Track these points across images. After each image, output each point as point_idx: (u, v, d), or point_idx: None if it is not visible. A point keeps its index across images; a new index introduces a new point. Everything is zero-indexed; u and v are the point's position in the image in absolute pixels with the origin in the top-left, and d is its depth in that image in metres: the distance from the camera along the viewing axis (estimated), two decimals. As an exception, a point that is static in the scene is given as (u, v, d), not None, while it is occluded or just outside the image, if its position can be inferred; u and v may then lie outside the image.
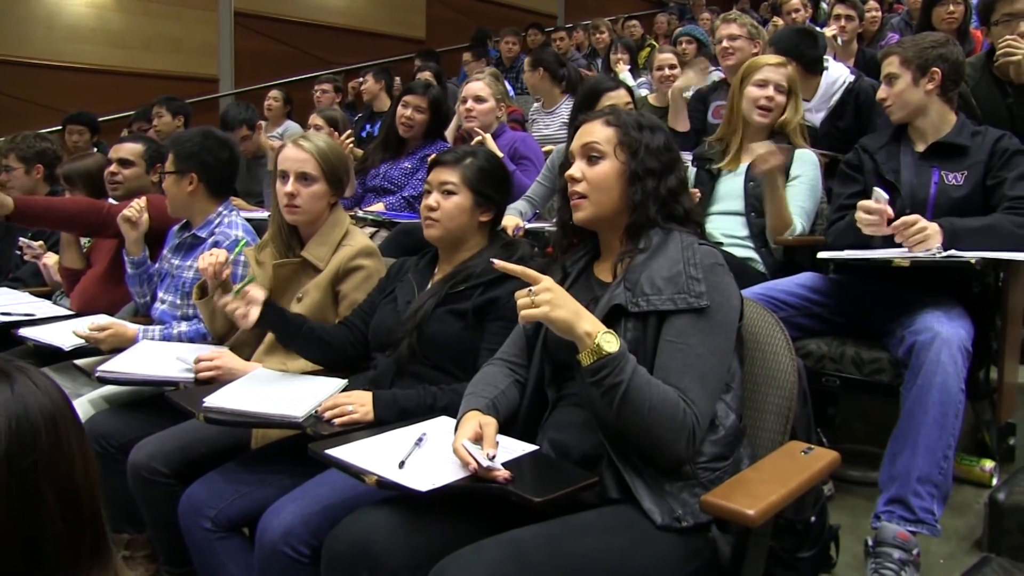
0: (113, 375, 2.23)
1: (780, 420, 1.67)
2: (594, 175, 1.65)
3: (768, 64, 2.93)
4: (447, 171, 2.04)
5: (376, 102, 5.62)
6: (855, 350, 2.45)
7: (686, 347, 1.49)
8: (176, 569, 2.14)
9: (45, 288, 3.54)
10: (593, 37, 7.83)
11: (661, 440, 1.44)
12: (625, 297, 1.54)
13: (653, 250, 1.58)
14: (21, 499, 0.82)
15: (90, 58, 7.03)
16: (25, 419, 0.83)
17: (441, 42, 9.28)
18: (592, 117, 1.72)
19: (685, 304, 1.50)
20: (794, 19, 5.63)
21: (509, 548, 1.37)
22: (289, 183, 2.27)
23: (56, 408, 0.87)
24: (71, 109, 5.78)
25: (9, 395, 0.84)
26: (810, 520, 1.63)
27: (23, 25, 6.64)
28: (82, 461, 0.88)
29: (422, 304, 1.97)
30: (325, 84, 6.13)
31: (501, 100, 3.65)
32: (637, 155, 1.64)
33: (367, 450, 1.58)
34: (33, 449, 0.83)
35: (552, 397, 1.68)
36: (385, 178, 3.67)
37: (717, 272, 1.56)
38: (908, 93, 2.51)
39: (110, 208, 3.04)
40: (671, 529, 1.44)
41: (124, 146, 3.24)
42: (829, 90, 3.54)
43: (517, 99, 5.70)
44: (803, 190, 2.82)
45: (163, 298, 2.76)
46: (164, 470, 2.03)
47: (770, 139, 2.87)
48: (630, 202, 1.63)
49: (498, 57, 7.57)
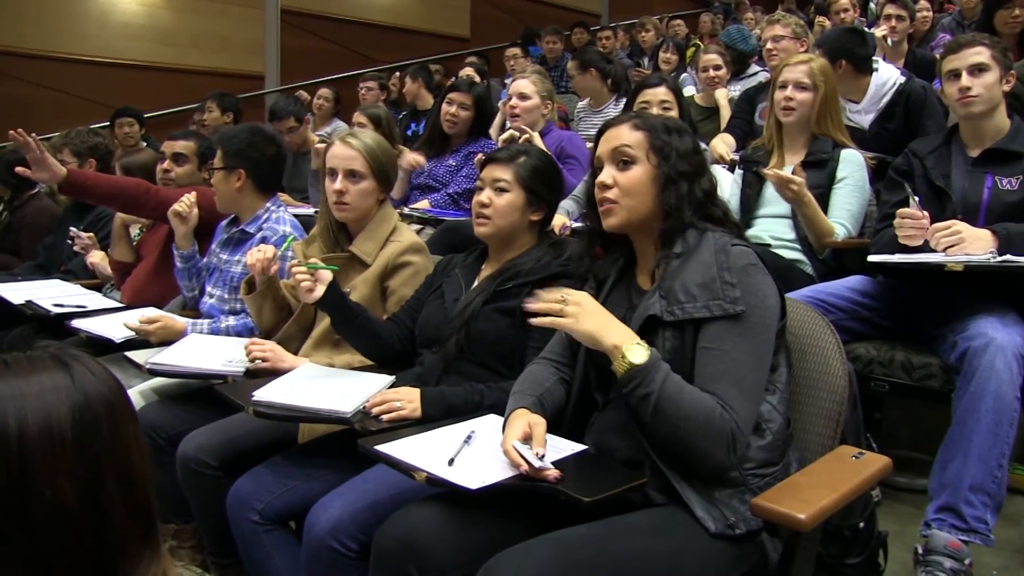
0: (163, 367, 2.27)
1: (830, 424, 1.66)
2: (626, 180, 1.62)
3: (788, 64, 2.90)
4: (500, 168, 2.04)
5: (419, 101, 5.64)
6: (905, 355, 2.41)
7: (721, 352, 1.47)
8: (223, 560, 2.17)
9: (96, 281, 3.60)
10: (640, 36, 7.79)
11: (698, 448, 1.43)
12: (660, 306, 1.52)
13: (687, 254, 1.55)
14: (89, 486, 0.83)
15: (140, 55, 7.16)
16: (87, 408, 0.85)
17: (485, 40, 9.31)
18: (618, 121, 1.69)
19: (720, 311, 1.48)
20: (842, 19, 5.55)
21: (558, 548, 1.36)
22: (338, 180, 2.29)
23: (113, 396, 0.89)
24: (121, 105, 5.89)
25: (70, 384, 0.86)
26: (858, 526, 1.61)
27: (78, 23, 6.78)
28: (138, 448, 0.90)
29: (470, 301, 1.98)
30: (370, 82, 6.17)
31: (547, 98, 3.64)
32: (669, 159, 1.61)
33: (416, 447, 1.58)
34: (97, 437, 0.85)
35: (600, 400, 1.67)
36: (430, 176, 3.69)
37: (751, 273, 1.52)
38: (996, 88, 2.44)
39: (149, 188, 3.10)
40: (724, 536, 1.42)
41: (178, 142, 3.29)
42: (879, 91, 3.48)
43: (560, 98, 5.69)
44: (848, 192, 2.77)
45: (211, 292, 2.80)
46: (212, 462, 2.05)
47: (813, 143, 2.84)
48: (664, 207, 1.60)
49: (541, 56, 7.56)
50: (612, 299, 1.68)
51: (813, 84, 2.82)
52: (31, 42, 6.46)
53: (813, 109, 2.83)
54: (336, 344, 2.28)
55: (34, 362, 0.87)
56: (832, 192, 2.77)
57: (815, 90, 2.82)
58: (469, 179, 3.56)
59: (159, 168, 3.25)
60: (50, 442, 0.82)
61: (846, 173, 2.79)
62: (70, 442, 0.83)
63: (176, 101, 6.95)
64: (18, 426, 0.81)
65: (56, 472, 0.82)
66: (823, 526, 1.47)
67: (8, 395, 0.83)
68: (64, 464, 0.83)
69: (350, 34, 8.64)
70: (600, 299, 1.67)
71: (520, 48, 7.22)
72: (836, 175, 2.78)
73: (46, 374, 0.86)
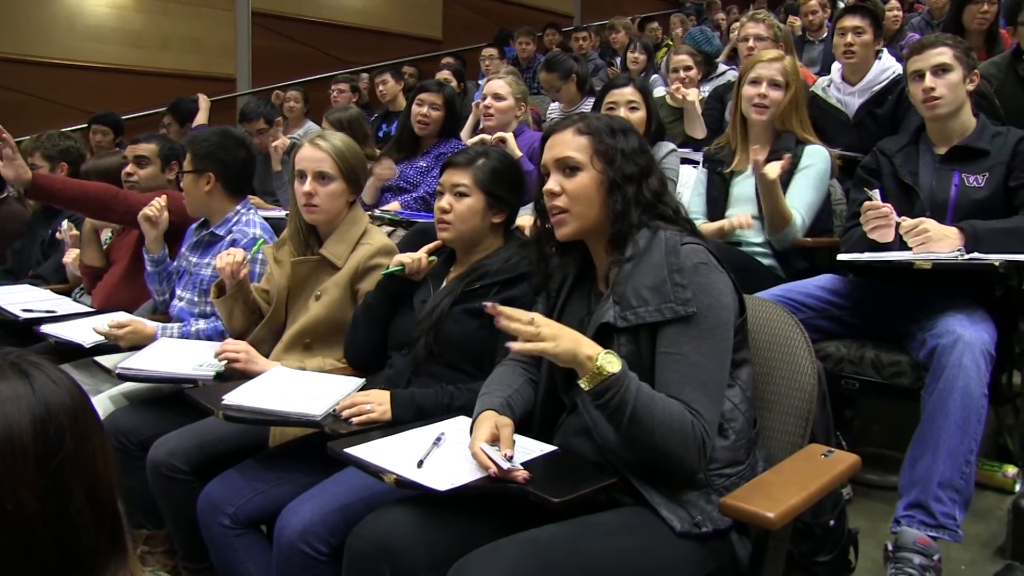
0: (133, 372, 2.25)
1: (800, 423, 1.67)
2: (573, 187, 1.60)
3: (761, 60, 2.89)
4: (459, 173, 2.03)
5: (394, 102, 5.63)
6: (875, 353, 2.43)
7: (681, 356, 1.47)
8: (195, 565, 2.15)
9: (65, 285, 3.57)
10: (610, 37, 7.81)
11: (672, 455, 1.42)
12: (614, 313, 1.51)
13: (638, 257, 1.54)
14: (53, 499, 0.82)
15: (110, 58, 7.08)
16: (49, 418, 0.84)
17: (457, 42, 9.30)
18: (562, 126, 1.65)
19: (672, 314, 1.47)
20: (810, 20, 5.60)
21: (528, 547, 1.37)
22: (307, 183, 2.27)
23: (76, 404, 0.87)
24: (92, 108, 5.83)
25: (31, 393, 0.84)
26: (829, 524, 1.62)
27: (45, 25, 6.70)
28: (103, 456, 0.88)
29: (438, 303, 1.98)
30: (341, 84, 6.14)
31: (522, 100, 3.64)
32: (614, 163, 1.59)
33: (385, 449, 1.58)
34: (60, 448, 0.83)
35: (567, 402, 1.67)
36: (401, 177, 3.68)
37: (701, 272, 1.50)
38: (960, 88, 2.46)
39: (118, 193, 3.07)
40: (690, 535, 1.43)
41: (140, 145, 3.27)
42: (878, 77, 3.50)
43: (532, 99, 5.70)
44: (807, 182, 2.77)
45: (181, 295, 2.77)
46: (183, 467, 2.04)
47: (776, 140, 2.84)
48: (611, 211, 1.58)
49: (514, 57, 7.56)
50: (570, 306, 1.68)
51: (786, 82, 2.83)
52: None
53: (780, 106, 2.83)
54: (307, 347, 2.27)
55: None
56: (791, 182, 2.78)
57: (786, 88, 2.83)
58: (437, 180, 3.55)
59: (123, 172, 3.21)
60: (11, 454, 0.80)
61: (809, 163, 2.79)
62: (32, 454, 0.81)
63: (147, 104, 6.87)
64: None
65: (18, 484, 0.80)
66: (793, 524, 1.47)
67: None
68: (26, 476, 0.81)
69: (322, 36, 8.60)
70: (557, 305, 1.68)
71: (496, 49, 7.22)
72: (798, 165, 2.79)
73: (5, 383, 0.84)
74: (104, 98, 6.30)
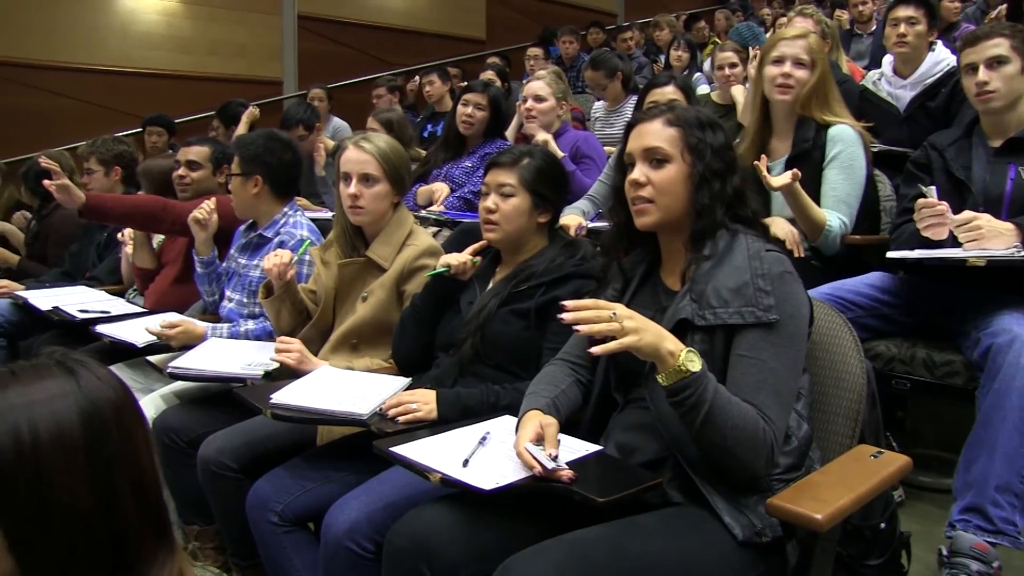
0: (184, 371, 2.30)
1: (848, 423, 1.64)
2: (660, 179, 1.58)
3: (784, 38, 2.71)
4: (504, 172, 2.03)
5: (441, 103, 5.67)
6: (926, 352, 2.38)
7: (759, 362, 1.45)
8: (244, 561, 2.19)
9: (119, 286, 3.66)
10: (655, 34, 7.76)
11: (741, 459, 1.41)
12: (691, 310, 1.49)
13: (719, 257, 1.52)
14: (103, 493, 0.84)
15: (161, 64, 7.23)
16: (96, 413, 0.86)
17: (501, 42, 9.31)
18: (649, 116, 1.63)
19: (753, 318, 1.46)
20: (860, 11, 5.51)
21: (573, 548, 1.36)
22: (352, 185, 2.29)
23: (120, 399, 0.89)
24: (144, 113, 5.96)
25: (77, 389, 0.86)
26: (879, 526, 1.58)
27: (100, 34, 6.87)
28: (147, 450, 0.91)
29: (485, 304, 1.98)
30: (380, 88, 6.21)
31: (562, 99, 3.63)
32: (704, 157, 1.57)
33: (431, 448, 1.59)
34: (107, 442, 0.86)
35: (620, 401, 1.66)
36: (447, 177, 3.69)
37: (787, 281, 1.50)
38: (1018, 81, 2.36)
39: (166, 204, 3.14)
40: (751, 544, 1.41)
41: (191, 148, 3.33)
42: (931, 70, 3.41)
43: (576, 98, 5.69)
44: (839, 173, 2.59)
45: (230, 296, 2.82)
46: (232, 465, 2.07)
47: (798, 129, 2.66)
48: (697, 206, 1.56)
49: (558, 56, 7.56)
50: (639, 300, 1.67)
51: (812, 61, 2.66)
52: (56, 55, 6.56)
53: (805, 88, 2.65)
54: (353, 348, 2.29)
55: (40, 370, 0.88)
56: (823, 174, 2.62)
57: (812, 67, 2.66)
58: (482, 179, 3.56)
59: (175, 175, 3.28)
60: (63, 449, 0.83)
61: (835, 152, 2.61)
62: (82, 448, 0.84)
63: (197, 108, 7.00)
64: (31, 435, 0.82)
65: (71, 479, 0.83)
66: (842, 526, 1.45)
67: (18, 404, 0.83)
68: (78, 471, 0.83)
69: (366, 38, 8.67)
70: (626, 299, 1.66)
71: (541, 48, 7.21)
72: (826, 157, 2.63)
73: (52, 381, 0.87)
74: (156, 103, 6.43)
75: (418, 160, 3.93)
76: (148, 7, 7.15)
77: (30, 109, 6.36)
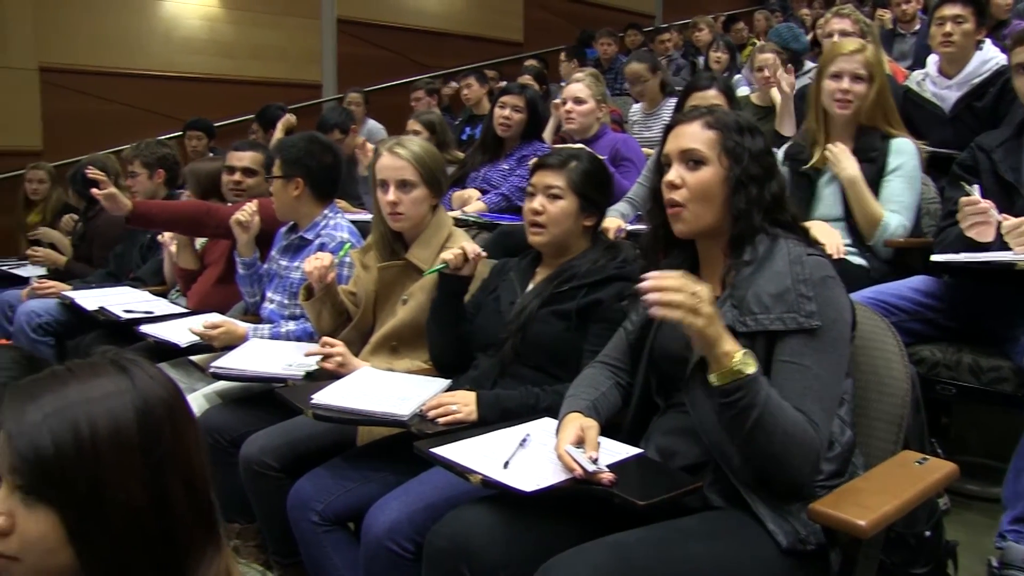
0: (226, 371, 2.33)
1: (892, 429, 1.62)
2: (696, 182, 1.57)
3: (842, 53, 2.73)
4: (552, 174, 2.02)
5: (477, 106, 5.70)
6: (972, 357, 2.34)
7: (803, 368, 1.43)
8: (285, 559, 2.21)
9: (163, 287, 3.72)
10: (693, 36, 7.72)
11: (788, 465, 1.40)
12: (732, 316, 1.48)
13: (759, 262, 1.51)
14: (156, 490, 0.86)
15: (203, 68, 7.34)
16: (150, 412, 0.88)
17: (539, 44, 9.31)
18: (688, 118, 1.62)
19: (795, 325, 1.44)
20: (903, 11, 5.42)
21: (614, 551, 1.36)
22: (390, 192, 2.30)
23: (172, 398, 0.91)
24: (187, 117, 6.06)
25: (132, 388, 0.89)
26: (924, 534, 1.56)
27: (144, 39, 6.98)
28: (197, 448, 0.93)
29: (526, 304, 1.98)
30: (418, 91, 6.26)
31: (602, 101, 3.63)
32: (741, 161, 1.55)
33: (471, 449, 1.59)
34: (161, 440, 0.88)
35: (661, 404, 1.66)
36: (484, 180, 3.71)
37: (829, 286, 1.48)
38: None
39: (210, 208, 3.20)
40: (795, 552, 1.40)
41: (246, 154, 3.38)
42: (979, 69, 3.34)
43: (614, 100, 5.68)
44: (901, 182, 2.64)
45: (271, 298, 2.85)
46: (273, 464, 2.10)
47: (860, 137, 2.71)
48: (734, 211, 1.55)
49: (596, 58, 7.54)
50: None
51: (869, 75, 2.69)
52: (101, 60, 6.68)
53: (867, 101, 2.69)
54: (393, 350, 2.31)
55: (96, 368, 0.90)
56: (883, 183, 2.66)
57: (870, 81, 2.69)
58: (522, 179, 3.57)
59: (228, 180, 3.33)
60: (119, 446, 0.85)
61: (898, 163, 2.66)
62: (137, 446, 0.86)
63: (238, 111, 7.09)
64: (90, 431, 0.84)
65: (127, 475, 0.85)
66: (886, 533, 1.43)
67: (76, 400, 0.86)
68: (134, 468, 0.85)
69: (404, 41, 8.72)
70: None
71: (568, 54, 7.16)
72: (887, 167, 2.67)
73: (108, 379, 0.89)
74: (198, 107, 6.53)
75: (455, 162, 3.95)
76: (190, 12, 7.26)
77: (77, 113, 6.49)
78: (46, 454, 0.83)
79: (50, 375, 0.89)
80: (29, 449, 0.83)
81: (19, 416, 0.85)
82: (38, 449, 0.83)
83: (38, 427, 0.84)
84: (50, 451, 0.83)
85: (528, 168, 3.45)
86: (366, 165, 4.37)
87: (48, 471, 0.83)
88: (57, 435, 0.83)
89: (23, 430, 0.84)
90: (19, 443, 0.84)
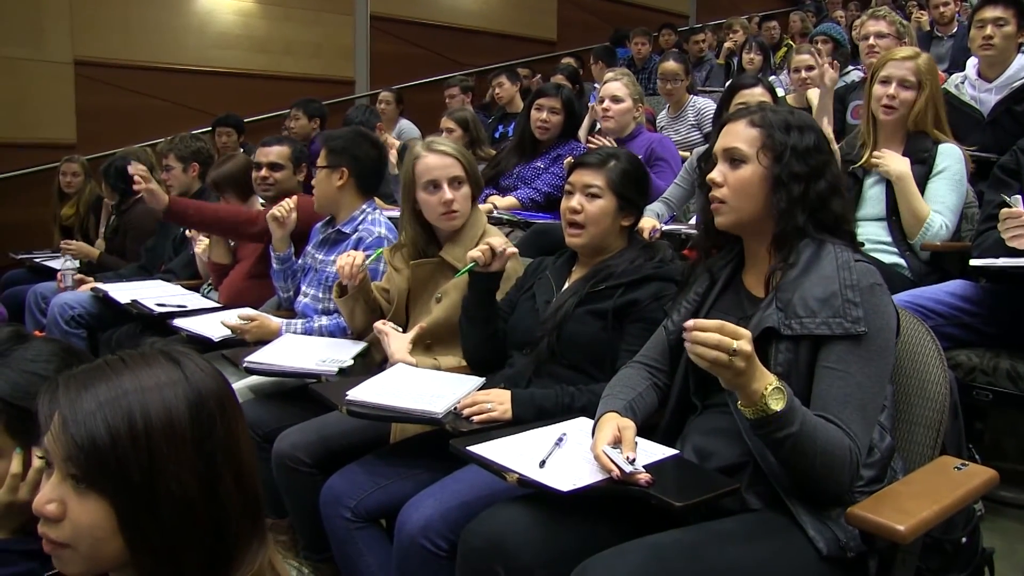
0: (259, 366, 2.34)
1: (931, 434, 1.61)
2: (735, 180, 1.58)
3: (892, 59, 2.78)
4: (591, 174, 2.01)
5: (509, 104, 5.69)
6: (1010, 363, 2.31)
7: (847, 375, 1.43)
8: (316, 555, 2.21)
9: (195, 281, 3.75)
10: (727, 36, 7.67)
11: (827, 480, 1.39)
12: (777, 319, 1.47)
13: (805, 265, 1.50)
14: (208, 482, 0.87)
15: (236, 63, 7.39)
16: (202, 404, 0.89)
17: (572, 43, 9.28)
18: (737, 116, 1.63)
19: (841, 330, 1.43)
20: (941, 13, 5.35)
21: (651, 552, 1.36)
22: (445, 191, 2.28)
23: (222, 391, 0.93)
24: (219, 111, 6.11)
25: (184, 379, 0.90)
26: (960, 540, 1.55)
27: (178, 34, 7.04)
28: (246, 441, 0.94)
29: (562, 303, 1.97)
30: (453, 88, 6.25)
31: (638, 100, 3.62)
32: (782, 159, 1.54)
33: (507, 448, 1.60)
34: (212, 432, 0.89)
35: (699, 405, 1.65)
36: (518, 178, 3.70)
37: (876, 293, 1.47)
38: None
39: (249, 215, 3.22)
40: (834, 558, 1.39)
41: (272, 149, 3.38)
42: (1019, 73, 3.32)
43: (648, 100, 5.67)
44: (945, 184, 2.68)
45: (305, 291, 2.87)
46: (306, 459, 2.10)
47: (909, 141, 2.74)
48: (775, 210, 1.54)
49: (629, 57, 7.51)
50: (722, 304, 1.66)
51: (918, 82, 2.72)
52: (136, 54, 6.75)
53: (915, 108, 2.72)
54: (428, 348, 2.31)
55: (148, 358, 0.91)
56: (928, 184, 2.69)
57: (919, 88, 2.72)
58: (555, 176, 3.56)
59: (257, 176, 3.33)
60: (173, 437, 0.86)
61: (944, 165, 2.70)
62: (190, 438, 0.87)
63: (271, 107, 7.15)
64: (144, 421, 0.85)
65: (180, 467, 0.86)
66: (923, 539, 1.42)
67: (130, 389, 0.87)
68: (186, 459, 0.87)
69: (438, 38, 8.74)
70: (709, 301, 1.65)
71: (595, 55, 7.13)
72: (934, 169, 2.70)
73: (160, 369, 0.90)
74: (232, 101, 6.59)
75: (487, 160, 3.95)
76: (225, 7, 7.31)
77: (112, 107, 6.56)
78: (101, 443, 0.84)
79: (103, 364, 0.90)
80: (84, 438, 0.84)
81: (74, 405, 0.86)
82: (93, 438, 0.84)
83: (93, 416, 0.85)
84: (105, 440, 0.84)
85: (562, 165, 3.48)
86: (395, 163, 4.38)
87: (102, 460, 0.84)
88: (112, 424, 0.85)
89: (78, 419, 0.85)
90: (74, 431, 0.85)
